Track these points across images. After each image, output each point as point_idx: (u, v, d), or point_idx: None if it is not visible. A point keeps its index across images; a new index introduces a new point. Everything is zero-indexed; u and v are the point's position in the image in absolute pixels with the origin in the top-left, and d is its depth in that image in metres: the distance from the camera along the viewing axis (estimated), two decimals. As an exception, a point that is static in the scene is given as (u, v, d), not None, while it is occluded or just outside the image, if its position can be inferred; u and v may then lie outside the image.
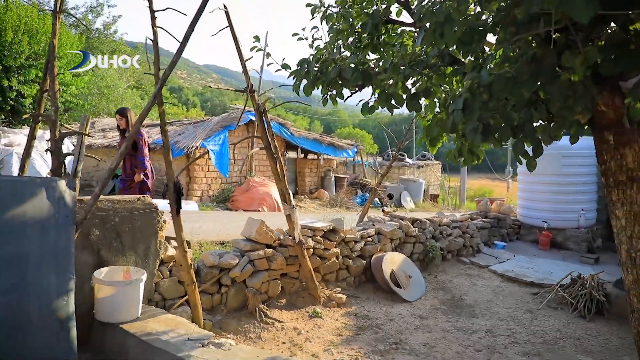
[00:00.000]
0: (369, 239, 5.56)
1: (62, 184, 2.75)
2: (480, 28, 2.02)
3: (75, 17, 24.61)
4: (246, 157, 13.13)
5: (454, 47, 2.26)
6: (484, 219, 7.83)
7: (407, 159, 24.60)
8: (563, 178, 7.72)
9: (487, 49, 2.63)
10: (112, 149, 13.07)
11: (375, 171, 19.26)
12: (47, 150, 3.01)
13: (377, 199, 14.53)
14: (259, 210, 11.62)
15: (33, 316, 2.59)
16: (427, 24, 2.11)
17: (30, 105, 16.70)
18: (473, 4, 2.27)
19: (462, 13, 1.98)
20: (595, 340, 4.26)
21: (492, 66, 2.26)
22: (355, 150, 18.77)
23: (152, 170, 5.30)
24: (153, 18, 2.78)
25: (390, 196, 16.52)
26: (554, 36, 2.14)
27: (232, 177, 13.16)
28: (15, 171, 9.25)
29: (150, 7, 2.78)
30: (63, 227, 2.74)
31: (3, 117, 15.32)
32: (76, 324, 2.77)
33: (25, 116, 14.50)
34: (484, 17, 2.21)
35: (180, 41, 2.74)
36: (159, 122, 3.50)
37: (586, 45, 2.05)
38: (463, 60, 2.75)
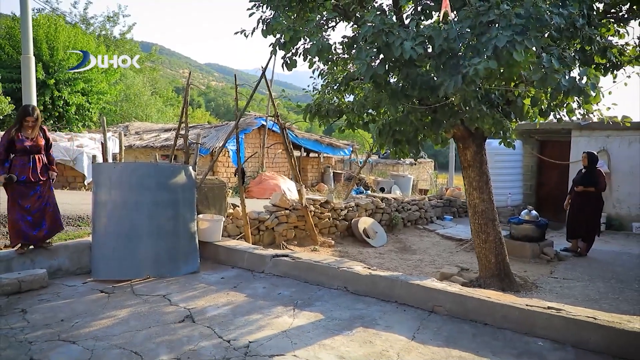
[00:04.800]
0: (351, 208, 8.44)
1: (190, 168, 5.61)
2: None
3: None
4: (259, 155, 15.93)
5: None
6: (439, 200, 10.72)
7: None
8: (496, 170, 10.48)
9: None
10: (148, 149, 15.91)
11: (369, 167, 22.23)
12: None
13: (368, 191, 17.39)
14: (270, 199, 14.45)
15: (181, 231, 5.43)
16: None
17: (74, 113, 19.38)
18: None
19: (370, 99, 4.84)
20: (481, 263, 7.10)
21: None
22: (351, 149, 21.68)
23: None
24: (241, 97, 5.64)
25: (382, 189, 19.30)
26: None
27: (247, 172, 15.97)
28: (85, 166, 12.11)
29: (235, 91, 5.63)
30: (191, 188, 5.59)
31: (52, 122, 18.10)
32: (197, 236, 5.64)
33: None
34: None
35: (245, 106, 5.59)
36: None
37: (426, 109, 4.89)
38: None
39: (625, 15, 5.03)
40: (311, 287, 4.91)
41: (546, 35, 3.36)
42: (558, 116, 5.12)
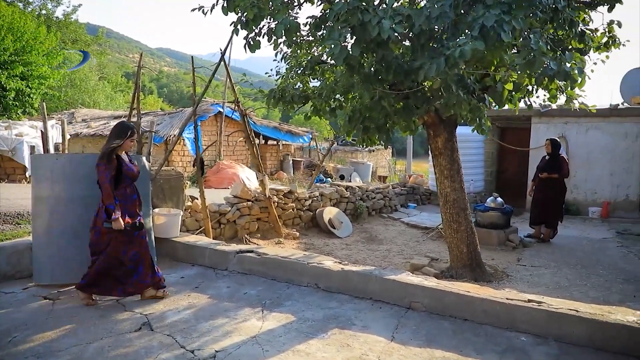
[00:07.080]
0: (315, 198, 8.15)
1: (144, 158, 5.13)
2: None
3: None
4: (217, 143, 15.34)
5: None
6: (402, 188, 10.63)
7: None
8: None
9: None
10: (97, 137, 14.99)
11: (328, 155, 21.99)
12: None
13: (329, 179, 17.19)
14: (228, 189, 13.95)
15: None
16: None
17: (13, 99, 17.95)
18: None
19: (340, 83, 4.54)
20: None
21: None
22: (311, 136, 21.35)
23: None
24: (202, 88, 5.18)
25: (341, 177, 19.15)
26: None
27: (204, 161, 15.36)
28: (26, 156, 11.18)
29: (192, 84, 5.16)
30: (145, 180, 5.11)
31: (-12, 109, 16.61)
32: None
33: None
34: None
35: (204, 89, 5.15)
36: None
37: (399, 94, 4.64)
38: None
39: (595, 1, 4.95)
40: (279, 284, 4.61)
41: (530, 15, 3.17)
42: (528, 103, 5.02)
